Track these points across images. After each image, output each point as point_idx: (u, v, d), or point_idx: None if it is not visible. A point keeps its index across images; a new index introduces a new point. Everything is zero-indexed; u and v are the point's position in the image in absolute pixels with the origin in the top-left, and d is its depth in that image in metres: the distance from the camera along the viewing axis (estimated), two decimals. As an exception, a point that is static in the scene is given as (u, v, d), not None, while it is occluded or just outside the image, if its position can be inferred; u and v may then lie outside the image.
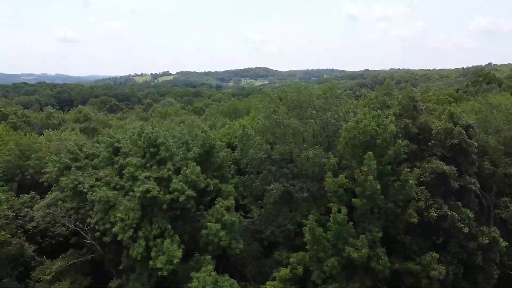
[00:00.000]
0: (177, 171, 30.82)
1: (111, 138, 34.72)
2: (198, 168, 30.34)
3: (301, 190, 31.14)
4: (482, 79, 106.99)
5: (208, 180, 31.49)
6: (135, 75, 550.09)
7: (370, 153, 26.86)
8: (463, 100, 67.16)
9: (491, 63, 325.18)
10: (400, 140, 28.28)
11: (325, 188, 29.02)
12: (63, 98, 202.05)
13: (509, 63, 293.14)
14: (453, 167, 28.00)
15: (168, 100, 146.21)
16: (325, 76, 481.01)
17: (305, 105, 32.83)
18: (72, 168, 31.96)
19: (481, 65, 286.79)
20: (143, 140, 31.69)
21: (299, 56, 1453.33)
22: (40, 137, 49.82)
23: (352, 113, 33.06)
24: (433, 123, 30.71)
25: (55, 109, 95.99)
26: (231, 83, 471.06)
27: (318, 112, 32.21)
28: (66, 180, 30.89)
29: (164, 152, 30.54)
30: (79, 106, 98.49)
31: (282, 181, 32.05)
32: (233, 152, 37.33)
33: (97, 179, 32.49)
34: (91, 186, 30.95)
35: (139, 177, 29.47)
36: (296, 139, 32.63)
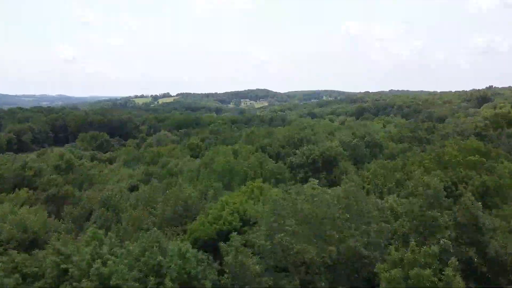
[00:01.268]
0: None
1: (57, 258, 25.40)
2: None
3: None
4: (502, 119, 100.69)
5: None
6: (136, 96, 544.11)
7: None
8: (492, 154, 57.66)
9: (492, 86, 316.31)
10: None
11: None
12: (58, 125, 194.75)
13: (509, 86, 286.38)
14: None
15: (164, 133, 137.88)
16: (324, 97, 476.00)
17: (321, 221, 23.53)
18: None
19: (483, 89, 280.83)
20: (92, 275, 22.41)
21: (299, 76, 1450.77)
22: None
23: (388, 229, 23.75)
24: (509, 256, 21.32)
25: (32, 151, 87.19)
26: (231, 105, 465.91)
27: (339, 233, 22.84)
28: None
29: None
30: (60, 151, 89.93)
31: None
32: (224, 243, 27.72)
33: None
34: None
35: None
36: (310, 268, 23.21)
